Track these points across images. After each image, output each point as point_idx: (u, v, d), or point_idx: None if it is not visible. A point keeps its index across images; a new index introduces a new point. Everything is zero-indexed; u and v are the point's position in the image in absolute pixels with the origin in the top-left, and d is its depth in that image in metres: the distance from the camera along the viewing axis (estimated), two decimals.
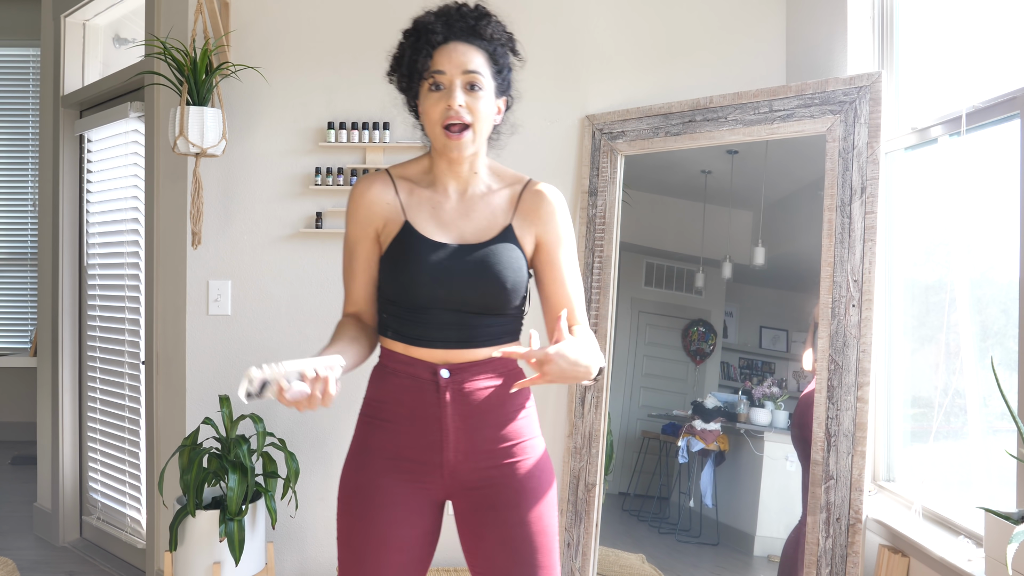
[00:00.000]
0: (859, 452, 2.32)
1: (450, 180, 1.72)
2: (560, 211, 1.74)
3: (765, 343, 2.64)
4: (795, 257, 2.60)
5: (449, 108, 1.62)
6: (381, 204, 1.72)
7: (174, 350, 3.14)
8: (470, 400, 1.67)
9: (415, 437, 1.67)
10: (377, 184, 1.74)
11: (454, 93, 1.62)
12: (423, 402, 1.66)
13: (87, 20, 3.92)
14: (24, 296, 5.86)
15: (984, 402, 2.16)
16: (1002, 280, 2.15)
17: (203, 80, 2.81)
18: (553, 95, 3.07)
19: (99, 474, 3.79)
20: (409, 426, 1.68)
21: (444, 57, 1.64)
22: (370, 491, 1.68)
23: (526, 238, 1.72)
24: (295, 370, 1.47)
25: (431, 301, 1.65)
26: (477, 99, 1.64)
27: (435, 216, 1.70)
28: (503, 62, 1.72)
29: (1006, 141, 2.06)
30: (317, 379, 1.48)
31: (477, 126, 1.64)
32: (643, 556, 2.79)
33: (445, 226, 1.70)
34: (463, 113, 1.62)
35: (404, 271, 1.66)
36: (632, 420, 2.89)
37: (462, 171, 1.71)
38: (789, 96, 2.60)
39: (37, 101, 5.80)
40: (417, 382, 1.67)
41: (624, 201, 2.94)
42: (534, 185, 1.75)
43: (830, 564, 2.33)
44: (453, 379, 1.66)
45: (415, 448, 1.68)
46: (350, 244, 1.75)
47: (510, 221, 1.71)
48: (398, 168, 1.77)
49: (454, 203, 1.71)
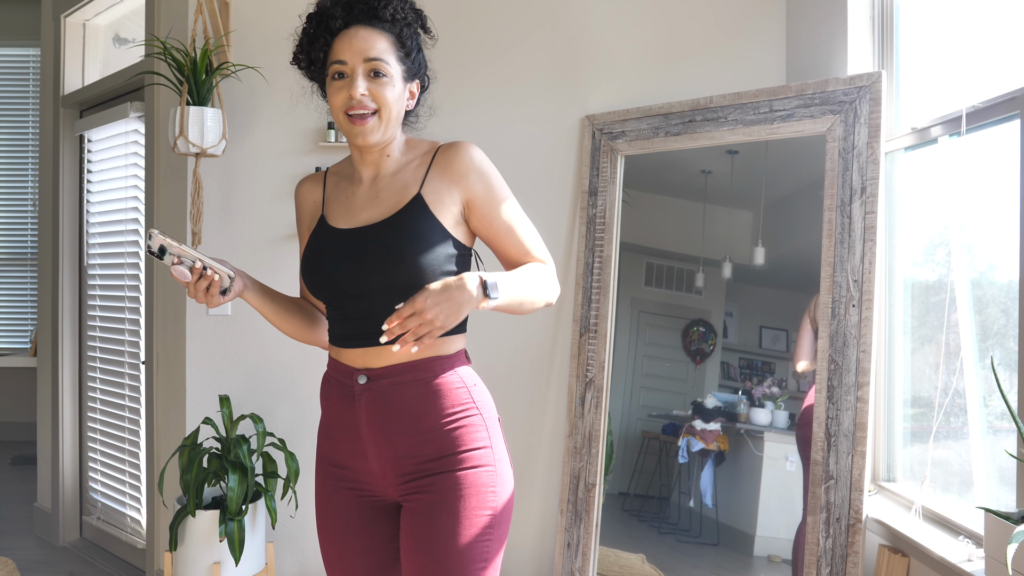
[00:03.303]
0: (859, 452, 2.32)
1: (364, 168, 1.65)
2: (478, 160, 1.62)
3: (765, 343, 2.64)
4: (795, 257, 2.60)
5: (351, 98, 1.55)
6: (308, 203, 1.72)
7: (174, 350, 3.14)
8: (385, 408, 1.58)
9: (345, 444, 1.64)
10: (308, 182, 1.74)
11: (355, 82, 1.55)
12: (343, 409, 1.62)
13: (87, 20, 3.92)
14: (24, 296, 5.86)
15: (984, 402, 2.16)
16: (1002, 280, 2.15)
17: (203, 80, 2.81)
18: (553, 95, 3.07)
19: (99, 474, 3.79)
20: (338, 433, 1.65)
21: (344, 44, 1.57)
22: (324, 498, 1.67)
23: (445, 202, 1.60)
24: (190, 255, 1.56)
25: (337, 294, 1.60)
26: (381, 86, 1.56)
27: (347, 206, 1.65)
28: (411, 44, 1.63)
29: (1006, 141, 2.06)
30: (202, 278, 1.56)
31: (383, 113, 1.57)
32: (643, 556, 2.79)
33: (354, 214, 1.63)
34: (366, 101, 1.55)
35: (307, 265, 1.64)
36: (632, 420, 2.89)
37: (373, 156, 1.64)
38: (789, 96, 2.60)
39: (37, 101, 5.80)
40: (339, 388, 1.63)
41: (624, 201, 2.94)
42: (447, 145, 1.64)
43: (830, 564, 2.33)
44: (369, 386, 1.59)
45: (346, 455, 1.64)
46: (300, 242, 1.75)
47: (419, 190, 1.60)
48: (338, 164, 1.74)
49: (365, 189, 1.65)
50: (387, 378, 1.58)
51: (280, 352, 3.07)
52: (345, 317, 1.61)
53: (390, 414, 1.58)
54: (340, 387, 1.62)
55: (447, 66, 3.09)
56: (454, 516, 1.54)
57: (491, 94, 3.07)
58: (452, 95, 3.03)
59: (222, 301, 1.60)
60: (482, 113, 3.06)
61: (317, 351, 3.03)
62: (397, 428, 1.58)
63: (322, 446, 1.69)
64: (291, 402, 3.08)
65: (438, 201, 1.60)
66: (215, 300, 1.59)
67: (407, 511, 1.59)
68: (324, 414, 1.69)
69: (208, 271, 1.57)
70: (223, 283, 1.59)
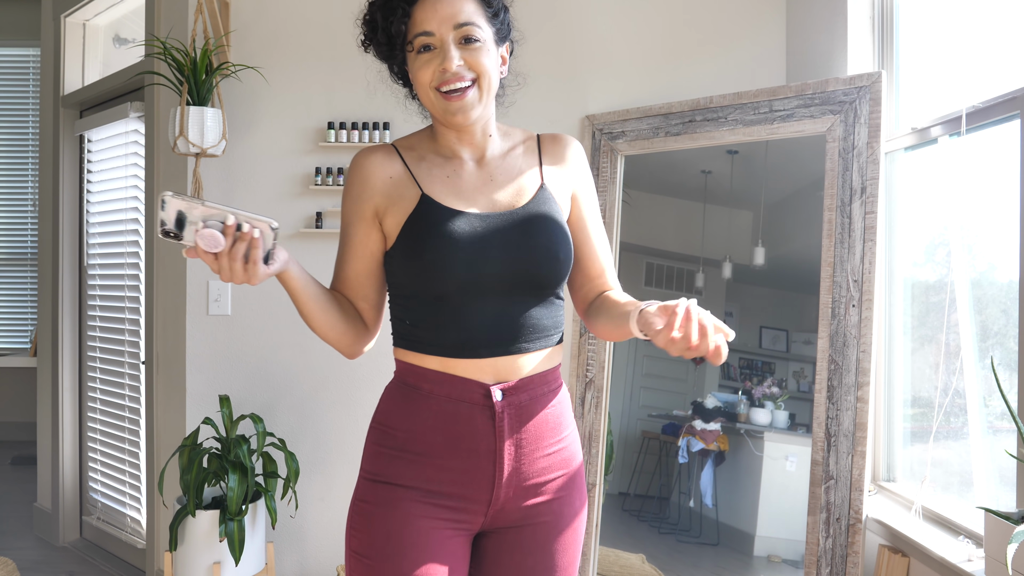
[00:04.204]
0: (859, 452, 2.32)
1: (462, 148, 1.46)
2: (584, 156, 1.53)
3: (765, 343, 2.63)
4: (795, 257, 2.60)
5: (445, 72, 1.36)
6: (382, 178, 1.44)
7: (174, 350, 3.14)
8: (528, 426, 1.42)
9: (461, 472, 1.40)
10: (379, 155, 1.46)
11: (448, 53, 1.36)
12: (473, 432, 1.39)
13: (87, 20, 3.92)
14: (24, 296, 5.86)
15: (984, 402, 2.16)
16: (1002, 280, 2.15)
17: (203, 80, 2.81)
18: (553, 95, 3.07)
19: (99, 474, 3.79)
20: (454, 460, 1.40)
21: (428, 12, 1.37)
22: (407, 534, 1.39)
23: (562, 196, 1.48)
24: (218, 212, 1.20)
25: (467, 286, 1.36)
26: (476, 53, 1.38)
27: (453, 187, 1.43)
28: (498, 2, 1.44)
29: (1006, 141, 2.06)
30: (243, 237, 1.21)
31: (483, 83, 1.39)
32: (643, 556, 2.79)
33: (468, 196, 1.42)
34: (463, 73, 1.37)
35: (428, 249, 1.37)
36: (632, 420, 2.89)
37: (475, 137, 1.45)
38: (789, 96, 2.60)
39: (37, 101, 5.80)
40: (464, 408, 1.39)
41: (624, 201, 2.94)
42: (552, 135, 1.53)
43: (830, 564, 2.33)
44: (508, 400, 1.40)
45: (460, 484, 1.40)
46: (344, 227, 1.48)
47: (541, 179, 1.46)
48: (407, 139, 1.50)
49: (472, 171, 1.45)
50: (525, 391, 1.41)
51: (280, 352, 3.07)
52: (463, 318, 1.38)
53: (535, 432, 1.42)
54: (461, 406, 1.39)
55: None
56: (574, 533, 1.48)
57: None
58: None
59: (267, 272, 1.26)
60: None
61: (317, 350, 3.02)
62: (538, 446, 1.43)
63: (404, 473, 1.41)
64: (291, 402, 3.08)
65: (560, 193, 1.47)
66: (258, 270, 1.24)
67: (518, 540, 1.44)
68: (419, 439, 1.41)
69: (245, 227, 1.21)
70: (266, 242, 1.23)
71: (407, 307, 1.43)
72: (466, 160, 1.46)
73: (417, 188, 1.42)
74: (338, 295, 1.47)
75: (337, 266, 1.49)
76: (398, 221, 1.41)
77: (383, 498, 1.41)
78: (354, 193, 1.45)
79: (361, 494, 1.45)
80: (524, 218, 1.40)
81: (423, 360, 1.41)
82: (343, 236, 1.47)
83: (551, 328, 1.44)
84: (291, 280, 1.35)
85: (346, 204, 1.47)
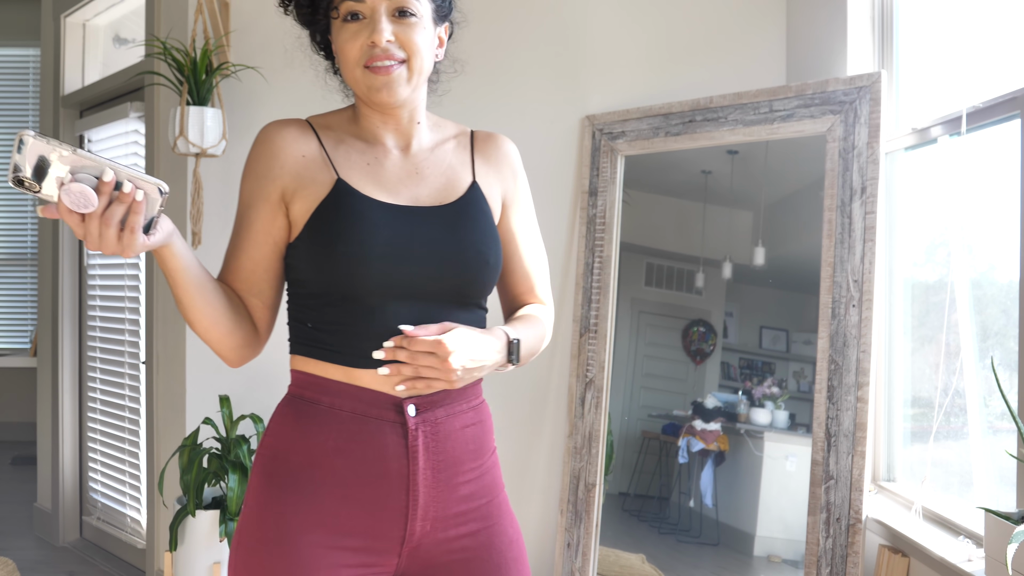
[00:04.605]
0: (859, 452, 2.32)
1: (386, 134, 1.29)
2: (519, 159, 1.38)
3: (765, 343, 2.64)
4: (795, 257, 2.60)
5: (374, 45, 1.20)
6: (294, 156, 1.25)
7: (174, 350, 3.14)
8: (445, 447, 1.22)
9: (369, 503, 1.18)
10: (292, 128, 1.28)
11: (378, 26, 1.19)
12: (383, 453, 1.18)
13: (87, 20, 3.92)
14: (24, 296, 5.86)
15: (984, 402, 2.16)
16: (1002, 280, 2.15)
17: (203, 80, 2.82)
18: (553, 95, 3.07)
19: (99, 474, 3.79)
20: (360, 488, 1.18)
21: None
22: None
23: (494, 199, 1.32)
24: (93, 163, 0.95)
25: (383, 286, 1.18)
26: (410, 28, 1.21)
27: (374, 175, 1.25)
28: None
29: (1006, 141, 2.06)
30: (122, 198, 0.97)
31: (414, 63, 1.22)
32: (643, 556, 2.79)
33: (390, 187, 1.25)
34: (393, 50, 1.20)
35: (341, 242, 1.18)
36: (632, 420, 2.89)
37: (401, 122, 1.28)
38: (789, 96, 2.60)
39: (37, 101, 5.81)
40: (371, 424, 1.18)
41: (624, 201, 2.94)
42: (487, 133, 1.38)
43: (830, 564, 2.33)
44: (423, 417, 1.20)
45: (367, 518, 1.18)
46: (242, 210, 1.27)
47: (473, 177, 1.30)
48: (325, 118, 1.33)
49: (397, 160, 1.28)
50: (442, 407, 1.22)
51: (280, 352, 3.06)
52: (377, 326, 1.18)
53: (454, 454, 1.23)
54: (368, 423, 1.19)
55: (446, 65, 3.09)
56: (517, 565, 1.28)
57: (491, 94, 3.06)
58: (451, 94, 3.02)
59: (146, 244, 1.02)
60: (482, 113, 3.06)
61: None
62: (458, 470, 1.23)
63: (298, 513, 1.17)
64: None
65: (490, 196, 1.32)
66: (135, 240, 1.00)
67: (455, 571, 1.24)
68: (317, 467, 1.19)
69: (127, 187, 0.96)
70: (150, 208, 0.99)
71: (310, 307, 1.24)
72: (390, 148, 1.29)
73: (332, 172, 1.24)
74: (227, 288, 1.26)
75: (229, 255, 1.28)
76: (307, 208, 1.22)
77: (272, 542, 1.17)
78: (259, 170, 1.26)
79: (246, 538, 1.21)
80: (452, 216, 1.25)
81: (325, 369, 1.22)
82: (240, 220, 1.28)
83: None
84: (173, 258, 1.12)
85: (248, 183, 1.27)
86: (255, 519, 1.20)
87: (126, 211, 0.98)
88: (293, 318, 1.28)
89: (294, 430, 1.22)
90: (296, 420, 1.22)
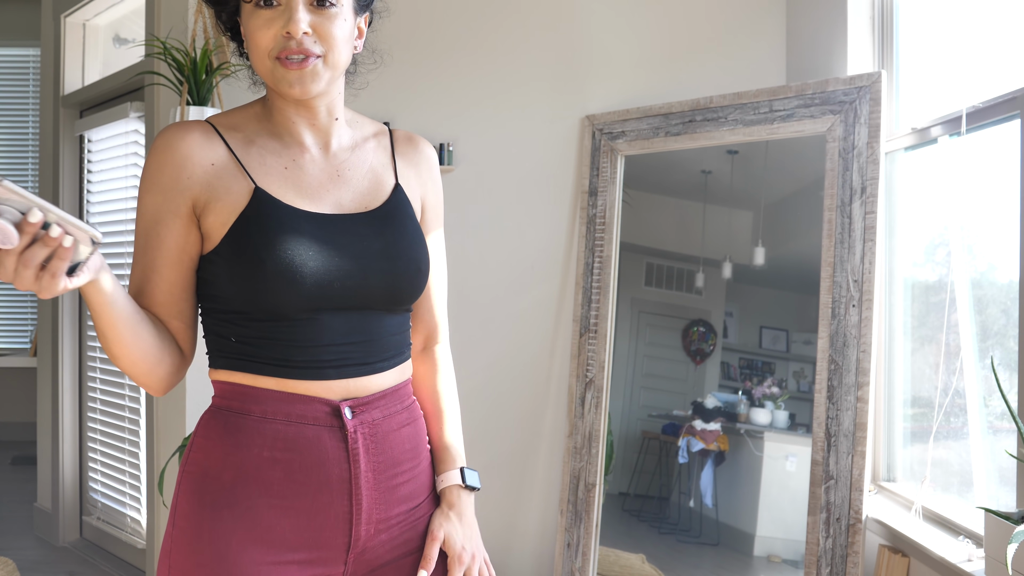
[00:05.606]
0: (859, 452, 2.32)
1: (303, 130, 1.19)
2: (437, 164, 1.32)
3: (765, 343, 2.64)
4: (795, 257, 2.60)
5: (289, 37, 1.10)
6: (202, 164, 1.14)
7: None
8: (384, 448, 1.18)
9: (311, 514, 1.13)
10: (195, 133, 1.15)
11: (295, 15, 1.09)
12: (323, 459, 1.13)
13: (87, 20, 3.92)
14: (24, 296, 5.86)
15: (984, 402, 2.16)
16: (1002, 280, 2.15)
17: (203, 80, 2.82)
18: (553, 95, 3.07)
19: (99, 474, 3.79)
20: (300, 499, 1.13)
21: None
22: None
23: (415, 200, 1.26)
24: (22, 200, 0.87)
25: (315, 300, 1.12)
26: (330, 20, 1.11)
27: (294, 180, 1.17)
28: None
29: (1006, 141, 2.06)
30: (46, 242, 0.90)
31: (330, 57, 1.13)
32: (643, 556, 2.79)
33: (312, 193, 1.17)
34: (309, 44, 1.11)
35: (270, 259, 1.10)
36: (632, 420, 2.89)
37: (318, 116, 1.19)
38: (789, 96, 2.60)
39: (37, 101, 5.81)
40: (309, 430, 1.13)
41: (624, 201, 2.94)
42: (407, 134, 1.31)
43: (830, 564, 2.33)
44: (360, 419, 1.16)
45: (310, 530, 1.13)
46: (147, 225, 1.15)
47: (396, 179, 1.24)
48: (228, 117, 1.21)
49: (317, 162, 1.19)
50: (377, 408, 1.18)
51: None
52: (312, 336, 1.13)
53: (392, 455, 1.20)
54: (303, 429, 1.13)
55: (447, 65, 3.09)
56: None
57: (491, 94, 3.07)
58: (451, 94, 3.03)
59: (68, 287, 0.94)
60: (482, 113, 3.06)
61: None
62: (398, 471, 1.21)
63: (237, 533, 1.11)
64: None
65: (412, 198, 1.26)
66: (56, 285, 0.92)
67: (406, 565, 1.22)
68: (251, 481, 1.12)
69: (55, 231, 0.90)
70: (77, 255, 0.93)
71: (231, 322, 1.15)
72: (308, 147, 1.20)
73: (247, 180, 1.14)
74: (151, 316, 1.15)
75: (140, 278, 1.17)
76: (222, 221, 1.13)
77: (210, 565, 1.11)
78: (164, 182, 1.14)
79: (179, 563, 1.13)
80: (379, 223, 1.18)
81: (254, 379, 1.14)
82: (147, 238, 1.16)
83: (404, 344, 1.24)
84: (99, 294, 1.03)
85: (151, 196, 1.15)
86: (188, 543, 1.13)
87: (50, 254, 0.91)
88: (212, 332, 1.19)
89: (223, 444, 1.14)
90: (225, 433, 1.14)
